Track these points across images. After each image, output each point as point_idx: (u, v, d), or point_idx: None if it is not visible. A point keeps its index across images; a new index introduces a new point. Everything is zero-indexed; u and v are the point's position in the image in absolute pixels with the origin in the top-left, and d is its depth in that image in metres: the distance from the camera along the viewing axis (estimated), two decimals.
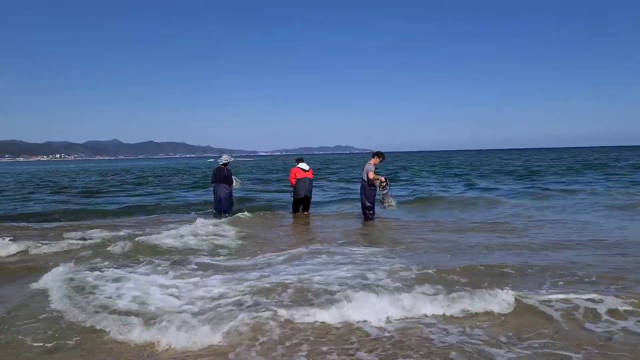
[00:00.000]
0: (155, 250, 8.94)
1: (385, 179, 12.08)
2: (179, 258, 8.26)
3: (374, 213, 12.14)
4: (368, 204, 12.03)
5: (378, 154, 12.16)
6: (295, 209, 13.80)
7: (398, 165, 56.19)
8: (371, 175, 11.79)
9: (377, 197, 12.12)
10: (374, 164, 11.97)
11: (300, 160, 13.76)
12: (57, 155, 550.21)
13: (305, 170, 13.30)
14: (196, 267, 7.63)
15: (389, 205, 12.09)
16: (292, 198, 13.93)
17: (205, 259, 8.20)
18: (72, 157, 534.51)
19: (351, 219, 12.86)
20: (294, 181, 13.39)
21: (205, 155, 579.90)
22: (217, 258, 8.35)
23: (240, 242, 9.86)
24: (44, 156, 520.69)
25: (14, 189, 27.76)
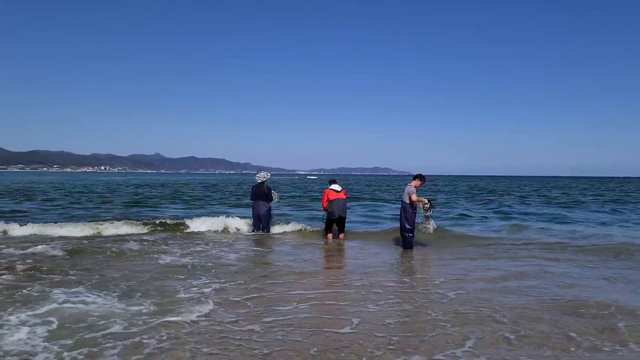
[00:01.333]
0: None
1: (429, 201, 11.66)
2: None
3: (413, 236, 11.73)
4: (408, 227, 11.59)
5: (419, 177, 11.72)
6: (328, 230, 13.23)
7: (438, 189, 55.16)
8: (414, 198, 11.39)
9: (417, 220, 11.72)
10: (416, 186, 11.61)
11: (333, 181, 13.34)
12: (102, 167, 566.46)
13: (338, 191, 12.91)
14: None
15: (425, 228, 11.66)
16: (324, 220, 13.38)
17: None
18: (116, 170, 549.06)
19: (386, 246, 12.38)
20: (325, 203, 12.92)
21: (245, 171, 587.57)
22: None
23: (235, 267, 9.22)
24: (90, 167, 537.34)
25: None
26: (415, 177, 11.80)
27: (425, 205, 11.51)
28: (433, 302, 6.62)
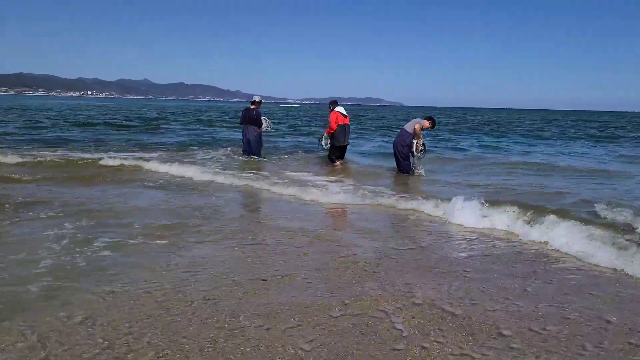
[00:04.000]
0: None
1: (424, 145, 11.33)
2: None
3: (409, 164, 11.33)
4: (403, 154, 11.22)
5: (432, 120, 11.27)
6: (333, 158, 12.31)
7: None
8: (417, 127, 10.97)
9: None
10: (424, 126, 11.14)
11: (337, 103, 12.40)
12: (89, 92, 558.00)
13: (345, 116, 12.08)
14: None
15: (417, 172, 11.31)
16: (322, 145, 12.67)
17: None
18: (103, 95, 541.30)
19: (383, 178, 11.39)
20: (335, 126, 11.89)
21: (235, 99, 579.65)
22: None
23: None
24: (76, 92, 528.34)
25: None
26: (429, 118, 11.35)
27: (420, 147, 11.16)
28: None
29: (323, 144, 12.58)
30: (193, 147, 16.16)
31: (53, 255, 4.63)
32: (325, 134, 12.40)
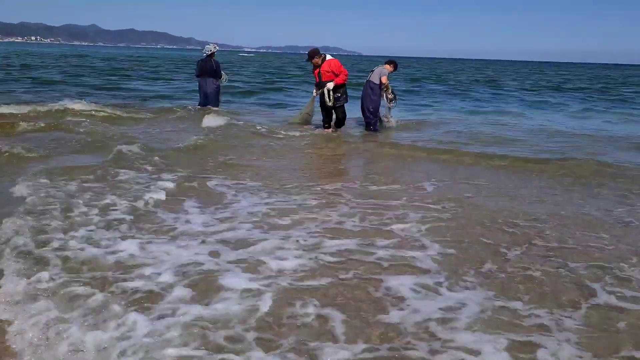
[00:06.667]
0: None
1: (394, 93, 10.86)
2: None
3: (377, 121, 10.82)
4: (372, 109, 10.66)
5: (393, 63, 10.79)
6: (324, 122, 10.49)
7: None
8: (384, 80, 10.39)
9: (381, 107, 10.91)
10: (388, 71, 10.60)
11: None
12: (33, 38, 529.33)
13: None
14: None
15: (387, 122, 11.06)
16: (327, 105, 9.99)
17: None
18: (48, 40, 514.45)
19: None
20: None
21: (189, 47, 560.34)
22: None
23: None
24: (19, 37, 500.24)
25: None
26: (389, 62, 10.82)
27: (389, 96, 10.74)
28: None
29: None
30: None
31: None
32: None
